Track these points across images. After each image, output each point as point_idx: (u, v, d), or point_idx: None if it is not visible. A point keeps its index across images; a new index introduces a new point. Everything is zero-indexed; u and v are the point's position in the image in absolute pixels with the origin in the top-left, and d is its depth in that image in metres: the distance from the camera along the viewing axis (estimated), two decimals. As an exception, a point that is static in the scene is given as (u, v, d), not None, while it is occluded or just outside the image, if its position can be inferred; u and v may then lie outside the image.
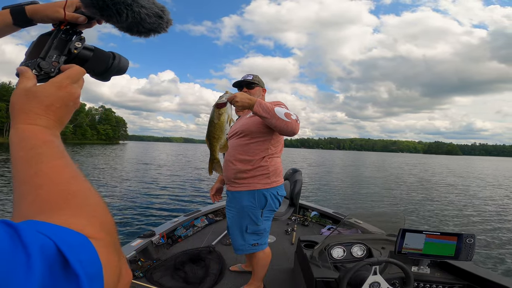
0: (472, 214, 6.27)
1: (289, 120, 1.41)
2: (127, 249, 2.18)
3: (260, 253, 1.72)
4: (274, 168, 1.63)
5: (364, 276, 1.24)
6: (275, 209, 1.69)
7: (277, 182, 1.64)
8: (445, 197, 8.47)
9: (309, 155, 52.11)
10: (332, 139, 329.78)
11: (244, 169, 1.59)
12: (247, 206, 1.61)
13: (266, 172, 1.60)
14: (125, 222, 5.31)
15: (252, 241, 1.66)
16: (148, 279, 1.97)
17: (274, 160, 1.65)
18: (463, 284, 1.41)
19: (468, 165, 34.80)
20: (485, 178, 16.34)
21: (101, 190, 8.89)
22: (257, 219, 1.61)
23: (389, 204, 7.41)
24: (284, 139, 2.93)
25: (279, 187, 1.66)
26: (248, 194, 1.60)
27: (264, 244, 1.72)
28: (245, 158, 1.60)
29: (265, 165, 1.60)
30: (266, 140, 1.59)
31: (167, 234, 2.59)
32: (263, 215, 1.63)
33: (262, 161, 1.59)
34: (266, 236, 1.73)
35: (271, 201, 1.63)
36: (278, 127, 1.41)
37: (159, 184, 10.46)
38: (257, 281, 1.81)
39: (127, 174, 13.15)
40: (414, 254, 1.41)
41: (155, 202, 7.15)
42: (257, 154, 1.59)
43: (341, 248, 1.61)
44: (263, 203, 1.60)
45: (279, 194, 1.67)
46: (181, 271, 2.06)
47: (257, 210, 1.61)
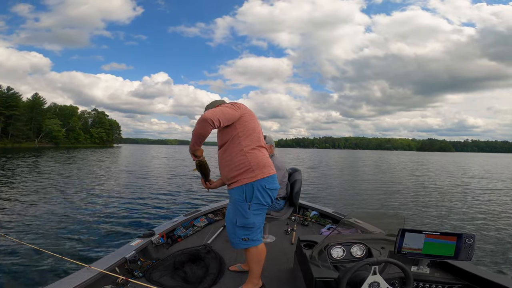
0: (472, 213, 6.25)
1: (194, 127, 1.65)
2: (126, 249, 2.17)
3: (252, 249, 1.76)
4: (256, 161, 1.71)
5: (363, 276, 1.24)
6: (264, 203, 1.73)
7: (262, 174, 1.71)
8: (445, 196, 8.46)
9: (305, 155, 52.17)
10: (327, 138, 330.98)
11: (228, 169, 1.75)
12: (236, 200, 1.73)
13: (248, 166, 1.69)
14: (125, 222, 5.27)
15: (243, 236, 1.73)
16: (148, 278, 1.97)
17: (253, 154, 1.72)
18: (462, 284, 1.42)
19: (464, 162, 35.05)
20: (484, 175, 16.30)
21: (102, 190, 8.84)
22: (245, 212, 1.70)
23: (389, 204, 7.42)
24: (279, 139, 2.93)
25: (266, 179, 1.71)
26: (237, 189, 1.72)
27: (256, 240, 1.76)
28: (226, 161, 1.76)
29: (245, 161, 1.70)
30: (234, 137, 1.72)
31: (167, 233, 2.59)
32: (251, 208, 1.70)
33: (240, 157, 1.70)
34: (258, 232, 1.77)
35: (258, 193, 1.69)
36: (197, 135, 1.65)
37: (158, 184, 10.43)
38: (254, 278, 1.81)
39: (126, 175, 13.10)
40: (414, 254, 1.42)
41: (154, 202, 7.13)
42: (233, 154, 1.72)
43: (341, 248, 1.62)
44: (249, 196, 1.69)
45: (267, 187, 1.71)
46: (181, 271, 2.06)
47: (244, 203, 1.70)
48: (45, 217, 5.55)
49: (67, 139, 69.43)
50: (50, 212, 5.98)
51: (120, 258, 2.02)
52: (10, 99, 55.76)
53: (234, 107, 1.71)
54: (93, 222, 5.25)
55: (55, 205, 6.66)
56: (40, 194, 8.01)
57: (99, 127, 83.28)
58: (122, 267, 2.03)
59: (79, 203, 6.91)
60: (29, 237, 4.35)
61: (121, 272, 1.95)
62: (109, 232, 4.70)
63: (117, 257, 2.03)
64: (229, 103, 1.76)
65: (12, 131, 55.21)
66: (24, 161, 18.89)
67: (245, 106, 1.82)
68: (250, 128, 1.75)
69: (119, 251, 2.16)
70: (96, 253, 3.75)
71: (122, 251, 2.14)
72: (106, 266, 1.86)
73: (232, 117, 1.67)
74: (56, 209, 6.27)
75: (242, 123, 1.73)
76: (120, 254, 2.09)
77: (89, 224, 5.13)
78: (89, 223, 5.15)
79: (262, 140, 1.82)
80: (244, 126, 1.73)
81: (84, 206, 6.58)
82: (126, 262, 2.06)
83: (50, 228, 4.86)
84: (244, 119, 1.74)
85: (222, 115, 1.60)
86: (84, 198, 7.60)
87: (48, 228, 4.86)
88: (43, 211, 6.07)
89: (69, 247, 3.98)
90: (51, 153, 32.17)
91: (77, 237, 4.39)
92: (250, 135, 1.73)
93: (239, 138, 1.71)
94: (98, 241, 4.27)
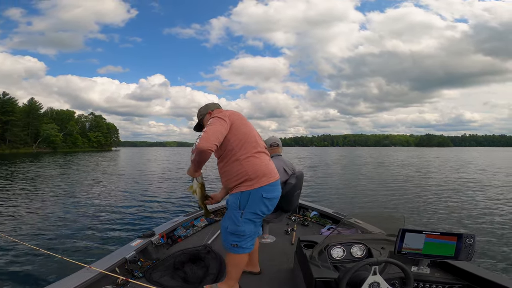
0: (472, 213, 6.20)
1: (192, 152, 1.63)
2: (127, 249, 2.17)
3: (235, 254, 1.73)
4: (253, 170, 1.65)
5: (363, 276, 1.24)
6: (258, 212, 1.68)
7: (260, 182, 1.64)
8: (445, 195, 8.37)
9: (304, 153, 52.19)
10: (325, 136, 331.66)
11: (226, 180, 1.75)
12: (230, 205, 1.71)
13: (246, 176, 1.65)
14: (125, 223, 5.28)
15: (232, 241, 1.70)
16: (148, 279, 1.96)
17: (250, 162, 1.66)
18: (463, 284, 1.42)
19: (464, 157, 34.84)
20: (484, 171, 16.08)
21: (102, 192, 8.86)
22: (237, 220, 1.67)
23: (388, 203, 7.39)
24: (279, 138, 2.92)
25: (263, 188, 1.65)
26: (234, 195, 1.70)
27: (246, 248, 1.72)
28: (224, 172, 1.75)
29: (242, 171, 1.65)
30: (228, 149, 1.68)
31: (167, 234, 2.58)
32: (244, 216, 1.66)
33: (237, 167, 1.67)
34: (248, 241, 1.72)
35: (253, 202, 1.65)
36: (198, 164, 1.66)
37: (158, 185, 10.45)
38: (230, 280, 1.77)
39: (126, 177, 13.15)
40: (414, 254, 1.42)
41: (155, 203, 7.14)
42: (230, 165, 1.69)
43: (341, 248, 1.62)
44: (243, 204, 1.65)
45: (265, 196, 1.65)
46: (181, 271, 2.05)
47: (237, 210, 1.67)
48: (45, 218, 5.56)
49: (65, 143, 69.22)
50: (50, 213, 5.99)
51: (120, 259, 2.02)
52: (6, 104, 55.54)
53: (223, 120, 1.64)
54: (93, 222, 5.26)
55: (55, 206, 6.67)
56: (40, 195, 8.02)
57: (97, 131, 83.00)
58: (122, 267, 2.02)
59: (79, 204, 6.92)
60: (29, 238, 4.36)
61: (121, 273, 1.94)
62: (109, 232, 4.70)
63: (117, 258, 2.02)
64: (216, 115, 1.68)
65: (10, 137, 54.96)
66: (22, 166, 18.81)
67: (232, 111, 1.77)
68: (243, 135, 1.69)
69: (119, 251, 2.16)
70: (96, 253, 3.76)
71: (122, 252, 2.13)
72: (106, 266, 1.86)
73: (225, 131, 1.63)
74: (57, 210, 6.28)
75: (234, 132, 1.67)
76: (120, 254, 2.09)
77: (89, 224, 5.13)
78: (89, 224, 5.16)
79: (259, 145, 1.75)
80: (237, 135, 1.68)
81: (84, 207, 6.59)
82: (126, 263, 2.06)
83: (50, 228, 4.87)
84: (234, 127, 1.68)
85: (216, 137, 1.55)
86: (84, 199, 7.61)
87: (48, 228, 4.87)
88: (43, 212, 6.08)
89: (69, 248, 3.99)
90: (49, 158, 32.07)
91: (77, 238, 4.40)
92: (244, 143, 1.68)
93: (233, 149, 1.67)
94: (98, 241, 4.28)
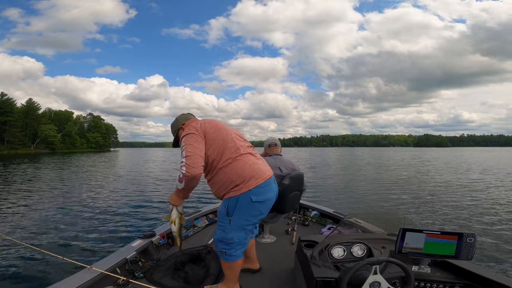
0: (472, 212, 6.19)
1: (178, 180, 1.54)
2: (127, 250, 2.17)
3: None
4: (238, 174, 1.58)
5: (364, 275, 1.24)
6: (248, 218, 1.62)
7: (247, 186, 1.56)
8: (445, 194, 8.37)
9: (303, 154, 52.21)
10: (324, 136, 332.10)
11: (215, 190, 1.71)
12: (218, 213, 1.69)
13: (231, 182, 1.59)
14: (125, 223, 5.27)
15: (220, 248, 1.67)
16: (149, 279, 1.96)
17: (232, 167, 1.59)
18: (463, 283, 1.42)
19: (463, 157, 34.85)
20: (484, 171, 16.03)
21: (102, 192, 8.84)
22: (225, 227, 1.63)
23: (389, 203, 7.39)
24: (278, 138, 2.91)
25: (252, 191, 1.57)
26: (222, 203, 1.67)
27: (234, 256, 1.66)
28: (211, 183, 1.71)
29: (227, 178, 1.60)
30: (210, 163, 1.64)
31: (168, 234, 2.57)
32: (232, 223, 1.60)
33: (221, 176, 1.62)
34: (237, 249, 1.66)
35: (242, 208, 1.58)
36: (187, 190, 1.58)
37: (158, 186, 10.43)
38: (229, 282, 1.76)
39: (126, 178, 13.12)
40: (415, 254, 1.42)
41: (155, 203, 7.13)
42: (216, 176, 1.65)
43: (341, 247, 1.62)
44: (231, 210, 1.60)
45: (254, 200, 1.58)
46: (182, 271, 2.05)
47: (225, 217, 1.63)
48: (46, 219, 5.55)
49: (63, 144, 68.92)
50: (51, 213, 5.97)
51: (121, 259, 2.02)
52: (5, 105, 55.23)
53: (196, 135, 1.59)
54: (93, 223, 5.25)
55: (55, 207, 6.65)
56: (40, 196, 7.99)
57: (95, 131, 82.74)
58: (123, 267, 2.02)
59: (79, 205, 6.90)
60: (30, 238, 4.35)
61: (122, 273, 1.94)
62: (109, 233, 4.70)
63: (118, 258, 2.02)
64: (188, 132, 1.61)
65: (8, 138, 54.67)
66: (21, 166, 18.73)
67: (203, 121, 1.73)
68: (220, 141, 1.63)
69: (120, 251, 2.16)
70: (97, 253, 3.76)
71: (123, 252, 2.14)
72: (107, 266, 1.86)
73: (203, 147, 1.59)
74: (57, 210, 6.26)
75: (209, 143, 1.61)
76: (121, 254, 2.09)
77: (90, 225, 5.13)
78: (90, 224, 5.15)
79: (240, 147, 1.65)
80: (213, 146, 1.62)
81: (84, 208, 6.58)
82: (127, 263, 2.06)
83: (51, 229, 4.86)
84: (209, 137, 1.62)
85: (200, 158, 1.52)
86: (85, 200, 7.60)
87: (49, 229, 4.86)
88: (44, 212, 6.06)
89: (70, 248, 3.99)
90: (47, 158, 31.94)
91: (78, 238, 4.40)
92: (224, 150, 1.62)
93: (214, 160, 1.62)
94: (99, 242, 4.27)
